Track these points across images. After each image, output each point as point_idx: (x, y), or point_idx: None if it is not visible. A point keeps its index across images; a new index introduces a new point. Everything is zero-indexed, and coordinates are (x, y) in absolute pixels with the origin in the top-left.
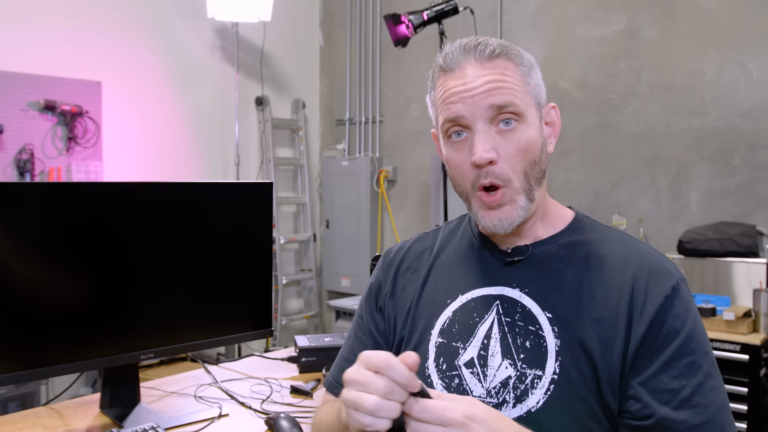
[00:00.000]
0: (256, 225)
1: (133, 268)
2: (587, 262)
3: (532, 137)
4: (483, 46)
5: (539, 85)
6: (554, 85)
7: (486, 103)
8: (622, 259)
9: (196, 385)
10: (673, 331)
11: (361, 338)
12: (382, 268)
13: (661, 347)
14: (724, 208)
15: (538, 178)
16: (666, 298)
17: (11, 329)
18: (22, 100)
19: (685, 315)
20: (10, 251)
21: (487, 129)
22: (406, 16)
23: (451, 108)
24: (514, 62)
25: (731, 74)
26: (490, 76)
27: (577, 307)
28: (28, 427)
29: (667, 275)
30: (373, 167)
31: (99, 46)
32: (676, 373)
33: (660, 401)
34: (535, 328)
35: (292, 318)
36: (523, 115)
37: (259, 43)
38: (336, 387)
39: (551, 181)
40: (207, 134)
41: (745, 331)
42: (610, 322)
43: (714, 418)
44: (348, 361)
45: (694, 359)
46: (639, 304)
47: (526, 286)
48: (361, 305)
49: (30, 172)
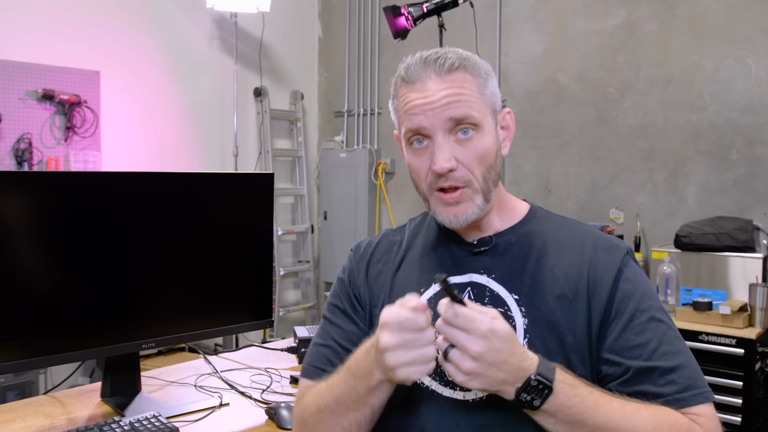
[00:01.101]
0: (256, 216)
1: (134, 258)
2: (545, 247)
3: (488, 144)
4: (443, 60)
5: (495, 93)
6: (552, 78)
7: (445, 116)
8: (577, 241)
9: (196, 374)
10: (628, 293)
11: (337, 323)
12: (354, 260)
13: (620, 310)
14: (721, 202)
15: (494, 180)
16: (618, 268)
17: (15, 318)
18: (20, 89)
19: (635, 279)
20: (11, 241)
21: (447, 139)
22: (405, 9)
23: (413, 119)
24: (471, 74)
25: (729, 69)
26: (449, 90)
27: (540, 288)
28: (30, 415)
29: (617, 249)
30: (371, 159)
31: (98, 35)
32: (640, 329)
33: (631, 357)
34: (504, 310)
35: (290, 309)
36: (479, 124)
37: (258, 33)
38: (315, 372)
39: (549, 174)
40: (205, 125)
41: (740, 326)
42: (570, 298)
43: (686, 362)
44: (325, 347)
45: (653, 314)
46: (597, 278)
47: (492, 272)
48: (334, 293)
49: (28, 162)
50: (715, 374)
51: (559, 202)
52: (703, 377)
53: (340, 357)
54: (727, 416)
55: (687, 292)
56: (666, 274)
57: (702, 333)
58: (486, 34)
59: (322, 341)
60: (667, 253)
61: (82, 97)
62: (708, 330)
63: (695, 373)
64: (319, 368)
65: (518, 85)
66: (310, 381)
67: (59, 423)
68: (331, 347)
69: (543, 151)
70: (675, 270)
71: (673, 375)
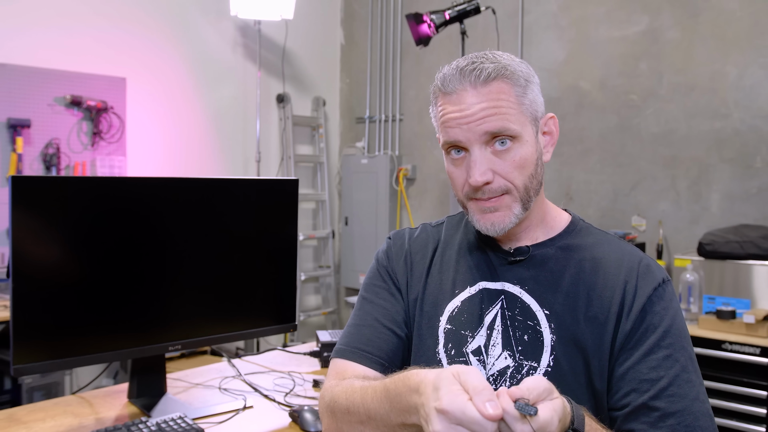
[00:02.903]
0: (281, 221)
1: (161, 263)
2: (582, 264)
3: (527, 154)
4: (479, 71)
5: (535, 100)
6: (574, 85)
7: (481, 130)
8: (615, 263)
9: (220, 377)
10: (652, 326)
11: (378, 302)
12: (394, 247)
13: (641, 340)
14: (744, 210)
15: (536, 189)
16: (648, 297)
17: (46, 320)
18: (48, 95)
19: (663, 312)
20: (41, 245)
21: (483, 151)
22: (427, 16)
23: (449, 132)
24: (509, 83)
25: (754, 76)
26: (485, 103)
27: (573, 307)
28: (60, 414)
29: (653, 277)
30: (393, 165)
31: (124, 43)
32: (654, 365)
33: (638, 390)
34: (533, 324)
35: (310, 314)
36: (517, 135)
37: (281, 41)
38: (355, 353)
39: (571, 181)
40: (228, 131)
41: (765, 335)
42: (602, 321)
43: (688, 408)
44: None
45: (671, 353)
46: (628, 304)
47: (526, 284)
48: (373, 274)
49: (56, 167)
50: (738, 383)
51: (580, 210)
52: (706, 423)
53: (384, 339)
54: (751, 426)
55: (710, 300)
56: (689, 282)
57: (725, 342)
58: (508, 41)
59: (362, 322)
60: (690, 261)
61: (108, 104)
62: (731, 339)
63: (696, 420)
64: (361, 349)
65: None
66: (347, 363)
67: (88, 422)
68: (373, 327)
69: (564, 158)
70: (698, 278)
71: (671, 420)
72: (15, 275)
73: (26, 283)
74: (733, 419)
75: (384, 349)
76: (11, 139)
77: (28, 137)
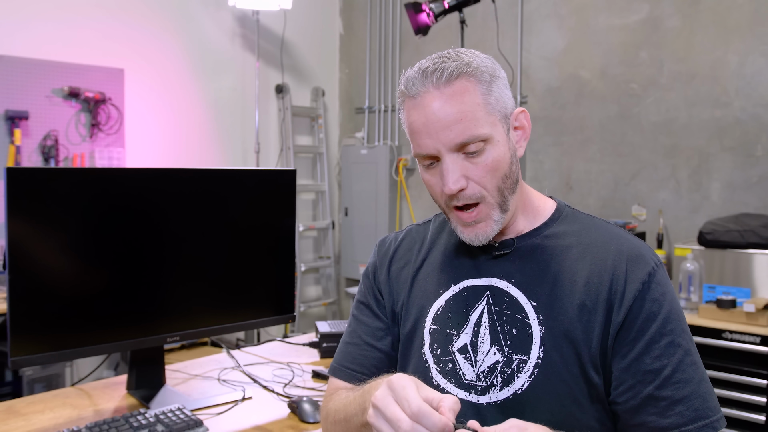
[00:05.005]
0: (279, 212)
1: (159, 254)
2: (568, 251)
3: (499, 155)
4: (440, 71)
5: (502, 97)
6: (575, 74)
7: (448, 139)
8: (602, 247)
9: (219, 368)
10: (652, 314)
11: (363, 320)
12: (378, 256)
13: (641, 331)
14: (745, 199)
15: (511, 188)
16: (643, 284)
17: (45, 312)
18: (46, 86)
19: (661, 299)
20: (41, 237)
21: (454, 158)
22: (427, 5)
23: (419, 143)
24: (472, 81)
25: (755, 64)
26: (449, 107)
27: (560, 296)
28: (59, 406)
29: (644, 262)
30: (392, 156)
31: (122, 34)
32: (657, 354)
33: (643, 382)
34: (521, 316)
35: (311, 305)
36: (488, 138)
37: (280, 31)
38: (342, 372)
39: (571, 171)
40: (227, 122)
41: (765, 323)
42: (590, 308)
43: (695, 391)
44: (352, 345)
45: (673, 339)
46: (619, 291)
47: (512, 277)
48: (360, 291)
49: (54, 158)
50: (738, 372)
51: (580, 199)
52: (713, 404)
53: (366, 355)
54: (751, 415)
55: (710, 289)
56: (689, 271)
57: (725, 331)
58: (507, 30)
59: (349, 339)
60: (691, 250)
61: (106, 95)
62: (732, 328)
63: (705, 402)
64: (347, 367)
65: (540, 82)
66: (338, 380)
67: (86, 414)
68: (358, 345)
69: (564, 147)
70: (698, 267)
71: (680, 407)
72: (12, 267)
73: (23, 275)
74: (733, 408)
75: (366, 365)
76: (9, 131)
77: (26, 129)
